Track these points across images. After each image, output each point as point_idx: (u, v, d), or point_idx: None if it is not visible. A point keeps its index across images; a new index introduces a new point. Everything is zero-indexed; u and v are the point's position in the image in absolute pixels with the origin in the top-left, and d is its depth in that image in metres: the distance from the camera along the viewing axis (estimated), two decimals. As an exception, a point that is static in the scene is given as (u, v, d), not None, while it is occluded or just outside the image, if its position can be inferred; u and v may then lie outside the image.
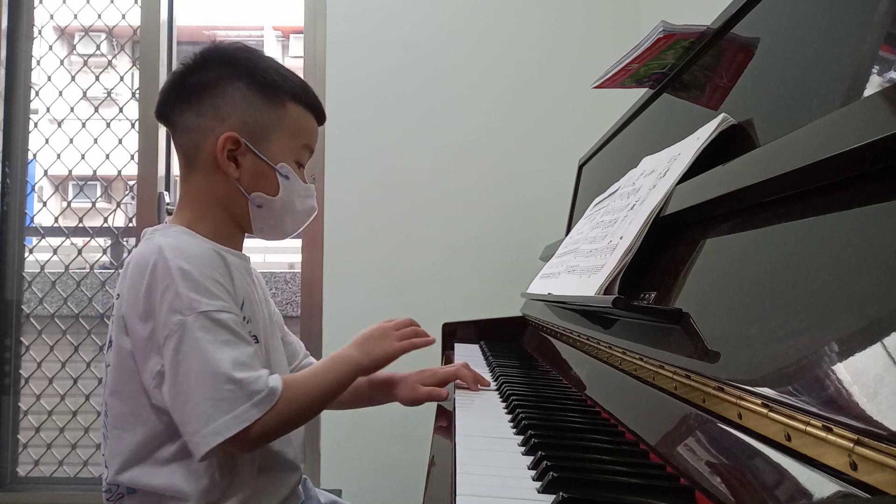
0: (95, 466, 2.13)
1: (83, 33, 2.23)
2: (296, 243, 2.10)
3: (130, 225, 2.31)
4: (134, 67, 2.26)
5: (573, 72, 1.99)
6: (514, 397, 0.79)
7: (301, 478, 0.86)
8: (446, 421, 0.78)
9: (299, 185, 0.86)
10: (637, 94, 1.17)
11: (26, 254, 2.19)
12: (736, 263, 0.56)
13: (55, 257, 2.19)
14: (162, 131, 2.09)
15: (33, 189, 2.25)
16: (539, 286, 1.21)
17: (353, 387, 0.95)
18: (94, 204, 2.22)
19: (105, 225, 2.29)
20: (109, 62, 2.24)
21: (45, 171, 2.25)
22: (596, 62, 1.22)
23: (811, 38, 0.62)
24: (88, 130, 2.20)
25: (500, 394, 0.87)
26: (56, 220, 2.21)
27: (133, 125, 2.14)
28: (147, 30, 2.07)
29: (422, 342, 0.88)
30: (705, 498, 0.45)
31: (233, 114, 0.81)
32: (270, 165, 0.82)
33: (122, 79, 2.24)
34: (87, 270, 2.20)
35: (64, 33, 2.37)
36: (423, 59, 2.05)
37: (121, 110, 2.21)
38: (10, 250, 2.14)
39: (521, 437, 0.64)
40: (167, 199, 2.07)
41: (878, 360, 0.34)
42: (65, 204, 2.25)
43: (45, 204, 2.31)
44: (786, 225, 0.50)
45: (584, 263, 0.90)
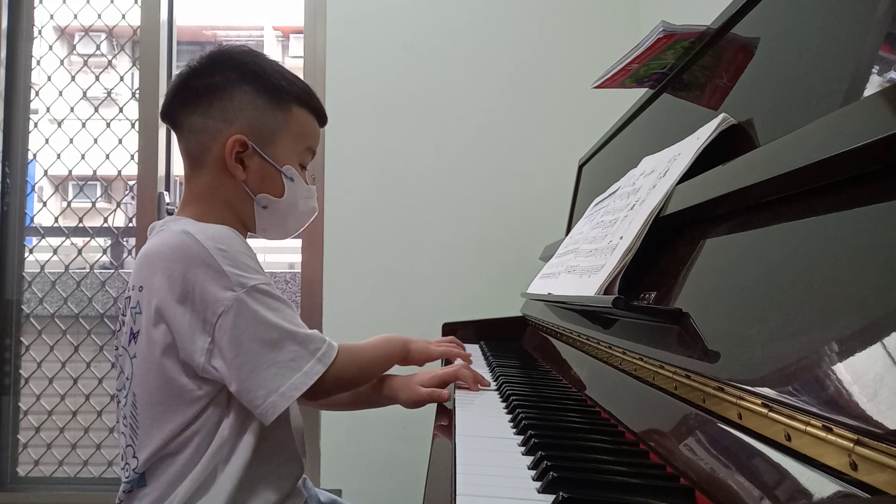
0: (95, 466, 2.13)
1: (83, 33, 2.23)
2: (296, 243, 2.10)
3: (130, 225, 2.31)
4: (134, 67, 2.26)
5: (573, 72, 1.99)
6: (514, 397, 0.79)
7: (303, 473, 0.86)
8: (446, 421, 0.78)
9: (303, 186, 0.88)
10: (637, 94, 1.17)
11: (26, 254, 2.19)
12: (736, 263, 0.56)
13: (55, 257, 2.19)
14: (162, 131, 2.09)
15: (33, 189, 2.25)
16: (539, 286, 1.21)
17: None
18: (94, 204, 2.22)
19: (105, 225, 2.29)
20: (109, 62, 2.24)
21: (45, 171, 2.25)
22: (596, 62, 1.22)
23: (811, 38, 0.62)
24: (88, 130, 2.20)
25: (500, 394, 0.87)
26: (56, 220, 2.21)
27: (133, 125, 2.14)
28: (147, 30, 2.07)
29: (459, 353, 1.00)
30: (705, 498, 0.45)
31: (240, 117, 0.83)
32: (276, 168, 0.84)
33: (122, 79, 2.24)
34: (87, 270, 2.20)
35: (64, 33, 2.37)
36: (423, 59, 2.05)
37: (121, 110, 2.21)
38: (10, 250, 2.14)
39: (521, 437, 0.64)
40: (167, 199, 2.07)
41: (878, 360, 0.34)
42: (65, 204, 2.25)
43: (45, 204, 2.31)
44: (786, 225, 0.50)
45: (584, 263, 0.90)
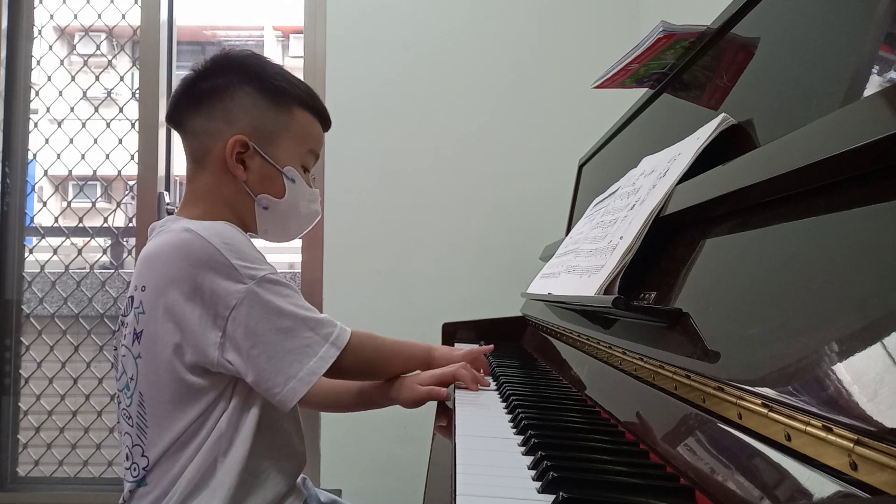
0: (95, 466, 2.13)
1: (83, 33, 2.23)
2: (296, 243, 2.09)
3: (130, 225, 2.31)
4: (134, 67, 2.26)
5: (573, 72, 1.99)
6: (514, 397, 0.79)
7: (302, 469, 0.86)
8: (446, 421, 0.78)
9: (305, 188, 0.89)
10: (637, 94, 1.17)
11: (26, 254, 2.19)
12: (736, 263, 0.56)
13: (55, 257, 2.19)
14: (162, 131, 2.09)
15: (33, 189, 2.25)
16: (539, 286, 1.21)
17: (356, 389, 0.97)
18: (94, 204, 2.22)
19: (105, 225, 2.29)
20: (109, 62, 2.24)
21: (45, 171, 2.25)
22: (596, 62, 1.22)
23: (811, 38, 0.62)
24: (88, 130, 2.20)
25: (500, 394, 0.87)
26: (56, 220, 2.21)
27: (133, 125, 2.13)
28: (147, 30, 2.07)
29: (481, 350, 1.01)
30: (705, 498, 0.45)
31: (242, 117, 0.83)
32: (277, 168, 0.85)
33: (122, 79, 2.24)
34: (87, 270, 2.20)
35: (64, 33, 2.37)
36: (423, 59, 2.05)
37: (121, 110, 2.21)
38: (10, 250, 2.14)
39: (521, 437, 0.64)
40: (167, 199, 2.07)
41: (878, 360, 0.34)
42: (65, 204, 2.25)
43: (45, 204, 2.31)
44: (786, 225, 0.50)
45: (584, 263, 0.90)
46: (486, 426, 0.71)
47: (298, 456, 0.84)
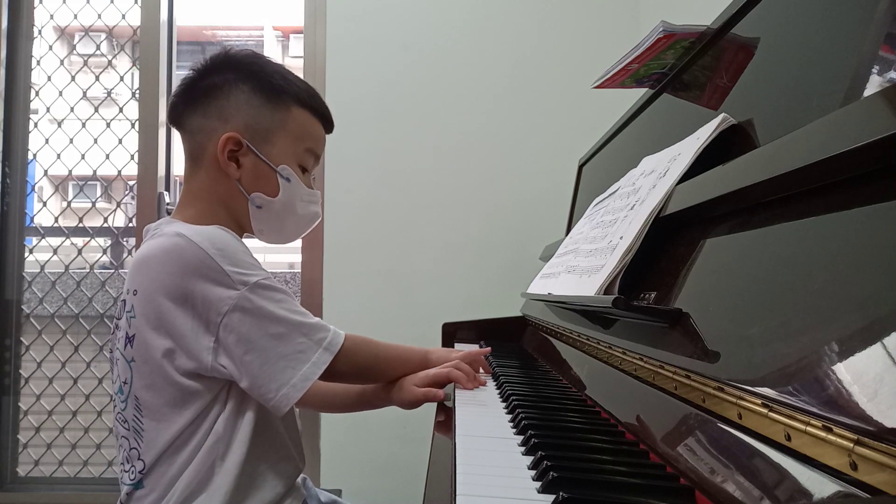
0: (95, 466, 2.13)
1: (83, 33, 2.23)
2: (296, 243, 2.08)
3: (130, 225, 2.31)
4: (134, 67, 2.26)
5: (573, 72, 1.99)
6: (514, 397, 0.79)
7: (301, 471, 0.86)
8: (446, 421, 0.78)
9: (302, 189, 0.87)
10: (637, 94, 1.17)
11: (26, 254, 2.19)
12: (736, 263, 0.56)
13: (55, 257, 2.19)
14: (162, 131, 2.10)
15: (33, 189, 2.25)
16: (539, 286, 1.21)
17: (353, 390, 0.96)
18: (94, 204, 2.22)
19: (105, 225, 2.29)
20: (109, 62, 2.24)
21: (45, 171, 2.25)
22: (596, 62, 1.22)
23: (811, 38, 0.62)
24: (88, 130, 2.20)
25: (500, 394, 0.87)
26: (56, 220, 2.21)
27: (133, 125, 2.13)
28: (147, 30, 2.07)
29: (478, 352, 0.99)
30: (705, 498, 0.45)
31: (236, 115, 0.83)
32: (271, 167, 0.84)
33: (122, 79, 2.24)
34: (87, 270, 2.20)
35: (64, 33, 2.37)
36: (423, 59, 2.05)
37: (121, 110, 2.21)
38: (10, 250, 2.14)
39: (521, 437, 0.64)
40: (167, 199, 2.07)
41: (878, 360, 0.34)
42: (65, 204, 2.25)
43: (45, 204, 2.31)
44: (786, 225, 0.50)
45: (584, 263, 0.90)
46: (486, 426, 0.71)
47: (296, 458, 0.84)
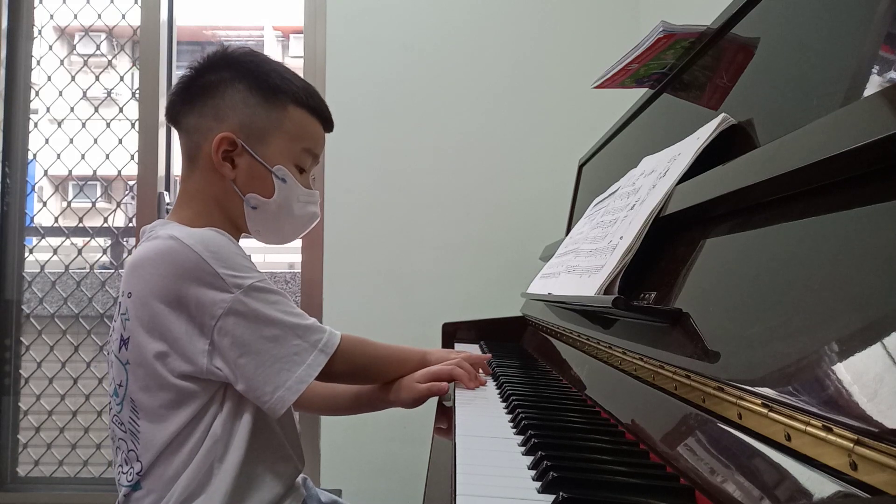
0: (95, 466, 2.13)
1: (83, 33, 2.23)
2: (296, 243, 2.08)
3: (130, 225, 2.31)
4: (134, 67, 2.26)
5: (573, 72, 1.99)
6: (514, 397, 0.79)
7: (300, 472, 0.86)
8: (446, 421, 0.78)
9: (298, 189, 0.86)
10: (637, 94, 1.17)
11: (26, 254, 2.19)
12: (736, 263, 0.56)
13: (55, 257, 2.19)
14: (162, 131, 2.09)
15: (33, 189, 2.25)
16: (539, 286, 1.21)
17: (354, 392, 0.96)
18: (94, 204, 2.22)
19: (105, 225, 2.29)
20: (109, 62, 2.24)
21: (45, 171, 2.25)
22: (596, 62, 1.22)
23: (811, 38, 0.62)
24: (88, 130, 2.20)
25: (500, 394, 0.87)
26: (56, 220, 2.21)
27: (133, 125, 2.13)
28: (147, 30, 2.07)
29: (479, 356, 0.98)
30: (705, 498, 0.45)
31: (231, 115, 0.82)
32: (266, 167, 0.83)
33: (122, 79, 2.24)
34: (87, 270, 2.20)
35: (64, 33, 2.37)
36: (423, 59, 2.05)
37: (121, 110, 2.21)
38: (10, 250, 2.14)
39: (521, 437, 0.64)
40: (167, 199, 2.07)
41: (878, 360, 0.34)
42: (65, 204, 2.25)
43: (45, 204, 2.31)
44: (786, 225, 0.50)
45: (584, 263, 0.90)
46: (486, 426, 0.71)
47: (294, 458, 0.84)
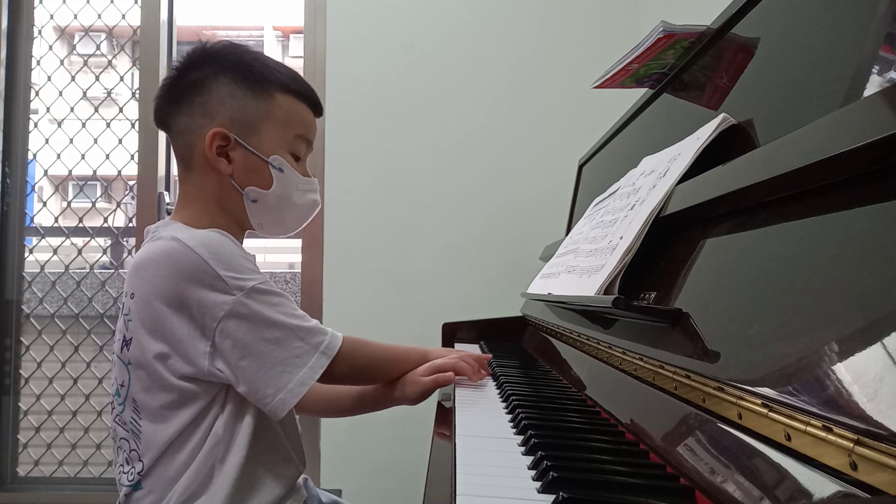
0: (95, 466, 2.13)
1: (83, 33, 2.23)
2: (296, 243, 2.10)
3: (130, 225, 2.31)
4: (134, 67, 2.26)
5: (573, 72, 1.99)
6: (514, 397, 0.79)
7: (301, 473, 0.86)
8: (446, 421, 0.78)
9: (296, 177, 0.85)
10: (637, 94, 1.17)
11: (26, 254, 2.19)
12: (736, 264, 0.56)
13: (55, 257, 2.19)
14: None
15: (33, 189, 2.25)
16: (539, 286, 1.21)
17: (357, 393, 0.96)
18: (94, 204, 2.22)
19: (105, 225, 2.29)
20: (109, 62, 2.24)
21: (45, 171, 2.25)
22: (596, 62, 1.22)
23: (811, 38, 0.62)
24: (88, 130, 2.20)
25: (500, 394, 0.87)
26: (56, 220, 2.21)
27: (133, 125, 2.14)
28: (147, 30, 2.07)
29: (479, 356, 0.98)
30: (705, 498, 0.45)
31: (220, 110, 0.81)
32: (262, 158, 0.82)
33: (122, 79, 2.24)
34: (87, 270, 2.20)
35: (64, 33, 2.37)
36: (423, 59, 2.05)
37: (121, 110, 2.21)
38: (10, 250, 2.14)
39: (521, 437, 0.64)
40: (167, 199, 2.07)
41: (878, 360, 0.34)
42: (65, 204, 2.25)
43: (45, 204, 2.31)
44: (786, 225, 0.50)
45: (584, 263, 0.90)
46: (486, 426, 0.71)
47: (296, 460, 0.84)
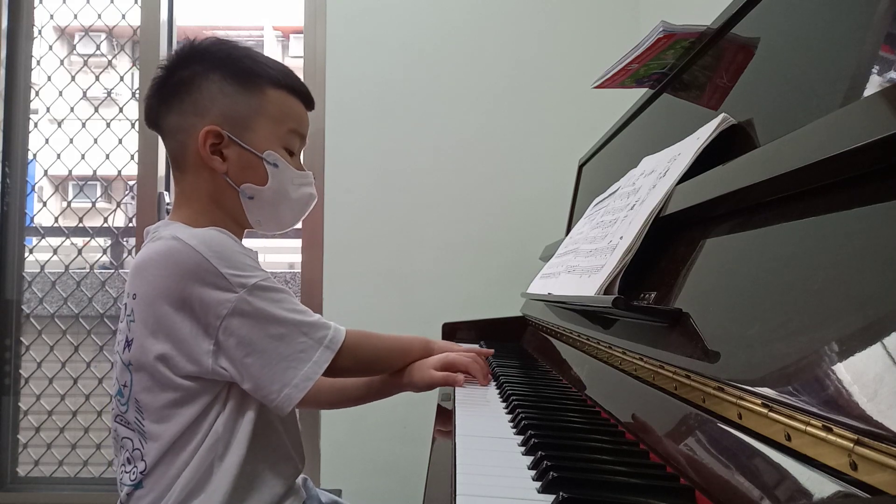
0: (95, 466, 2.13)
1: (83, 33, 2.23)
2: (296, 243, 2.10)
3: (130, 225, 2.31)
4: (134, 67, 2.26)
5: (573, 72, 1.99)
6: (514, 397, 0.79)
7: (300, 472, 0.86)
8: (446, 421, 0.78)
9: (291, 172, 0.85)
10: (637, 94, 1.17)
11: (26, 254, 2.19)
12: (736, 264, 0.56)
13: (55, 257, 2.19)
14: (162, 131, 2.09)
15: (33, 189, 2.25)
16: (539, 286, 1.21)
17: (364, 382, 0.97)
18: (94, 204, 2.22)
19: (105, 225, 2.29)
20: (109, 62, 2.24)
21: (45, 171, 2.25)
22: (596, 62, 1.22)
23: (811, 38, 0.62)
24: (88, 130, 2.20)
25: (500, 394, 0.87)
26: (56, 220, 2.21)
27: (133, 125, 2.14)
28: (147, 30, 2.07)
29: (481, 351, 0.99)
30: (705, 498, 0.45)
31: (211, 107, 0.80)
32: (256, 154, 0.81)
33: (122, 79, 2.24)
34: (87, 270, 2.20)
35: (64, 33, 2.37)
36: (423, 59, 2.05)
37: (121, 110, 2.21)
38: (10, 250, 2.14)
39: (521, 437, 0.64)
40: (167, 199, 2.07)
41: (878, 360, 0.34)
42: (65, 204, 2.25)
43: (45, 204, 2.31)
44: (786, 225, 0.50)
45: (584, 263, 0.90)
46: (486, 426, 0.71)
47: (295, 458, 0.84)
